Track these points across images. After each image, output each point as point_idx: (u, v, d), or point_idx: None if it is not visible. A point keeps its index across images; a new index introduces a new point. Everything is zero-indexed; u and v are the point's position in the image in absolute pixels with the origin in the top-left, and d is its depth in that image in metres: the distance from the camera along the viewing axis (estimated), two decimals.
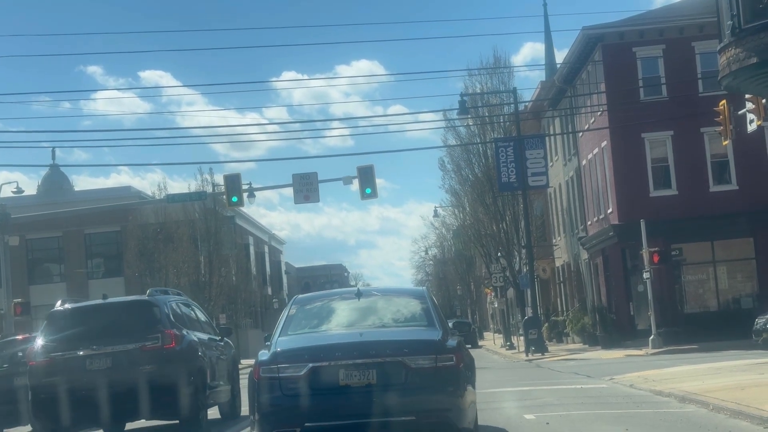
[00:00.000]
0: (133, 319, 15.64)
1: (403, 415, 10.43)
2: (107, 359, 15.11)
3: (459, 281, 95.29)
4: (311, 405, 10.50)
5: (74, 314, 15.98)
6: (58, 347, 15.34)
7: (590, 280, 48.37)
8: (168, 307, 16.02)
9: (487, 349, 57.67)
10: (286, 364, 10.62)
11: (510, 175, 44.39)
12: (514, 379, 26.24)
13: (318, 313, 12.07)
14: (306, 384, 10.51)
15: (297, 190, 38.74)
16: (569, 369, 29.13)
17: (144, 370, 14.96)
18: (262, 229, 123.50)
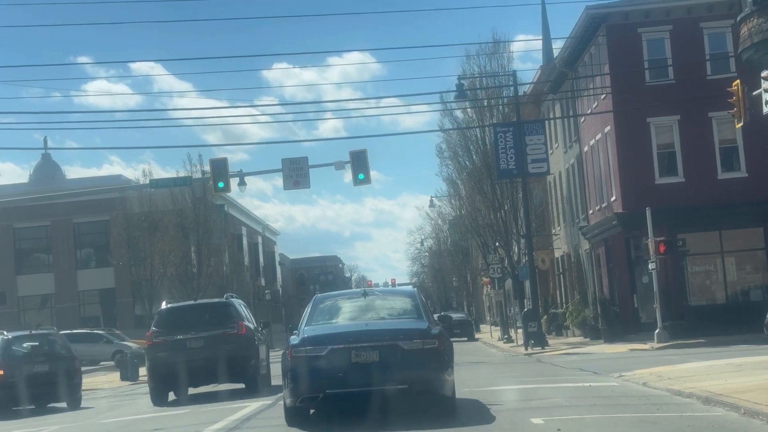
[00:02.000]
0: (216, 314, 23.25)
1: (398, 384, 14.03)
2: (200, 340, 22.37)
3: (455, 272, 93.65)
4: (330, 377, 13.94)
5: (174, 311, 23.54)
6: (165, 333, 22.69)
7: (592, 272, 46.69)
8: (238, 306, 23.65)
9: (485, 342, 56.00)
10: (311, 347, 14.15)
11: (509, 161, 42.65)
12: (515, 375, 24.57)
13: (333, 308, 15.73)
14: (326, 361, 13.96)
15: (287, 175, 36.97)
16: (572, 364, 27.45)
17: (225, 348, 22.23)
18: (255, 219, 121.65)
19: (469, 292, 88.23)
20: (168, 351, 22.59)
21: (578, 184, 48.58)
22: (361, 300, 15.99)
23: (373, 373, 13.98)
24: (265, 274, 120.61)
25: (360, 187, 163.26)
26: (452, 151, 50.99)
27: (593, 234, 44.36)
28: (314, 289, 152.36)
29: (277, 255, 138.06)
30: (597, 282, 45.62)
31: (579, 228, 47.15)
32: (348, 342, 14.23)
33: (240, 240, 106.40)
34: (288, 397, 14.47)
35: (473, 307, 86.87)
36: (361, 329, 14.66)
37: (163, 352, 22.64)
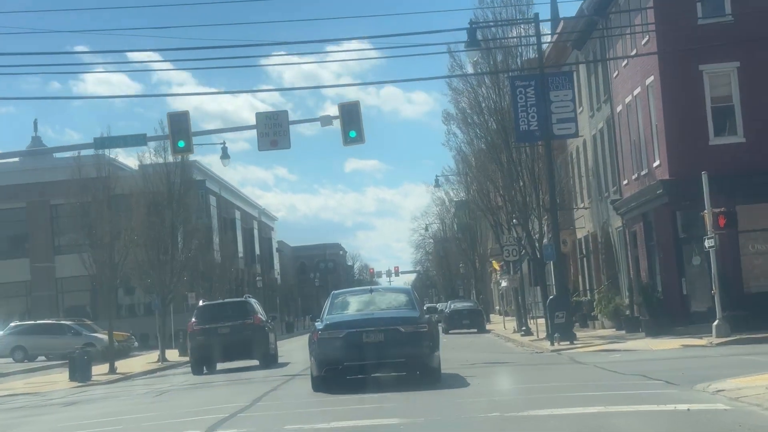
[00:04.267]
0: (237, 309, 32.50)
1: (398, 358, 18.96)
2: (228, 328, 31.07)
3: (462, 258, 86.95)
4: (347, 352, 18.83)
5: (208, 307, 33.16)
6: (202, 322, 31.64)
7: (625, 253, 39.95)
8: (253, 304, 33.49)
9: (498, 335, 49.32)
10: (333, 330, 19.13)
11: (530, 122, 35.93)
12: (554, 386, 17.91)
13: (347, 301, 21.00)
14: (344, 341, 18.89)
15: (262, 133, 30.32)
16: (625, 367, 20.77)
17: (244, 334, 30.97)
18: (250, 203, 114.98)
19: (477, 279, 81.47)
20: (204, 336, 31.19)
21: (608, 151, 41.83)
22: (368, 295, 21.22)
23: (379, 350, 18.63)
24: (261, 262, 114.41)
25: (361, 176, 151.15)
26: (462, 115, 44.10)
27: (628, 208, 37.62)
28: (314, 277, 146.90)
29: (274, 241, 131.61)
30: (633, 265, 38.89)
31: (611, 202, 40.37)
32: (360, 327, 18.92)
33: (233, 224, 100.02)
34: (315, 369, 19.16)
35: (482, 296, 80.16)
36: (370, 317, 19.41)
37: (201, 336, 31.29)
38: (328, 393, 18.47)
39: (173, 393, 23.93)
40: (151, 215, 47.62)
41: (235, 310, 32.43)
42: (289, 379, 24.42)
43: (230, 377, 27.80)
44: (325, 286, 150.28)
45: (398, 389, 17.87)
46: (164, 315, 47.72)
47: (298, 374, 25.46)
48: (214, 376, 29.14)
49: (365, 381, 19.46)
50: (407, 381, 19.05)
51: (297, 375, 25.51)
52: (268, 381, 24.37)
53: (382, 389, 18.31)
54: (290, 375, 26.14)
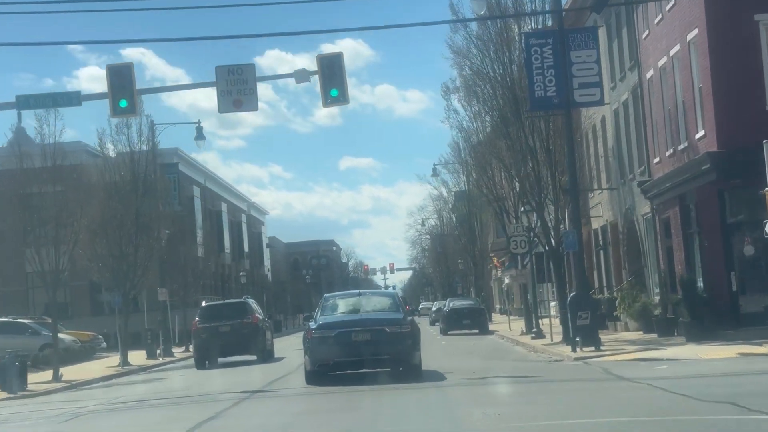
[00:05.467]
0: (237, 309, 35.09)
1: (384, 355, 20.77)
2: (228, 327, 33.61)
3: (461, 253, 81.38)
4: (338, 349, 20.62)
5: (211, 307, 36.26)
6: (205, 321, 34.15)
7: (655, 243, 34.40)
8: (252, 304, 36.65)
9: (503, 337, 43.73)
10: (325, 330, 20.94)
11: (547, 87, 30.43)
12: (621, 423, 12.24)
13: (338, 303, 22.98)
14: (335, 340, 20.65)
15: (223, 91, 24.73)
16: (690, 387, 15.30)
17: (243, 332, 33.53)
18: (239, 196, 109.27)
19: (478, 276, 75.88)
20: (207, 333, 33.54)
21: (634, 127, 36.27)
22: (357, 298, 23.44)
23: (366, 348, 20.74)
24: (250, 257, 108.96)
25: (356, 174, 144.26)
26: (465, 83, 38.36)
27: (660, 190, 32.08)
28: (306, 274, 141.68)
29: (265, 236, 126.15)
30: (664, 257, 33.35)
31: (638, 184, 34.79)
32: (349, 327, 21.08)
33: (219, 217, 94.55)
34: (308, 365, 21.24)
35: (483, 293, 74.59)
36: (358, 318, 21.62)
37: (204, 334, 33.56)
38: (319, 385, 20.46)
39: (93, 416, 18.38)
40: (113, 201, 42.05)
41: (235, 310, 35.16)
42: (285, 375, 25.94)
43: (234, 371, 30.43)
44: (318, 283, 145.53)
45: (382, 383, 19.99)
46: (126, 313, 42.09)
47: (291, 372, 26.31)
48: (217, 371, 31.55)
49: (352, 377, 21.06)
50: (390, 375, 21.00)
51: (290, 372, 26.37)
52: (267, 374, 26.64)
53: (367, 384, 19.99)
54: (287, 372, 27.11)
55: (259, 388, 21.12)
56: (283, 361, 32.34)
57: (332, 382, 20.52)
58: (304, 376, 21.29)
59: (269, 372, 27.31)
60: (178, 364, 40.33)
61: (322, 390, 19.53)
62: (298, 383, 21.56)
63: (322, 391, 19.37)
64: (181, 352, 49.20)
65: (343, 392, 18.83)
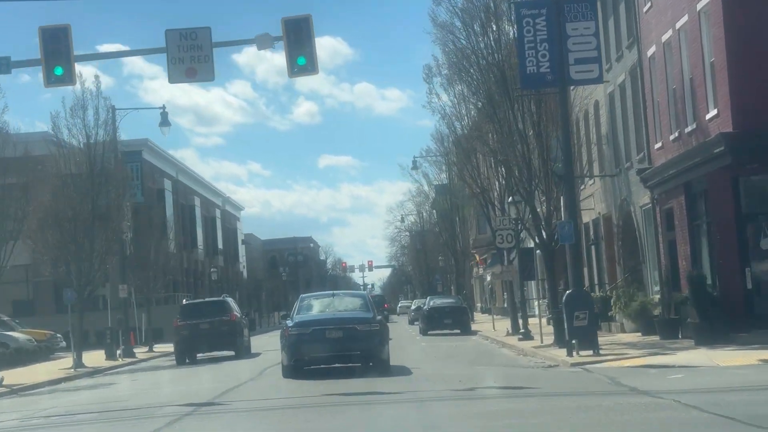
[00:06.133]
0: (216, 308, 36.43)
1: (354, 351, 22.30)
2: (208, 324, 34.88)
3: (441, 250, 78.42)
4: (313, 345, 22.16)
5: (191, 305, 37.64)
6: (185, 318, 35.42)
7: (655, 237, 31.48)
8: (230, 302, 38.28)
9: (487, 338, 40.75)
10: (301, 327, 22.60)
11: (540, 62, 27.47)
12: None
13: (313, 303, 24.63)
14: (310, 336, 22.25)
15: (174, 59, 21.68)
16: (720, 403, 12.55)
17: (222, 329, 34.94)
18: (213, 190, 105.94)
19: (459, 273, 72.90)
20: (187, 330, 35.18)
21: (632, 110, 33.34)
22: (330, 299, 25.13)
23: (339, 344, 22.21)
24: (224, 253, 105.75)
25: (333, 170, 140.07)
26: (449, 61, 35.20)
27: (663, 178, 29.15)
28: (283, 271, 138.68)
29: (240, 232, 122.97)
30: (666, 252, 30.44)
31: (637, 173, 31.87)
32: (324, 325, 22.62)
33: (192, 211, 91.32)
34: (285, 360, 22.66)
35: (465, 291, 71.64)
36: (332, 317, 23.16)
37: (185, 331, 35.23)
38: (296, 378, 21.80)
39: None
40: (68, 190, 38.80)
41: (214, 308, 36.42)
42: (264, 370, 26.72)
43: (216, 366, 31.67)
44: (295, 281, 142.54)
45: (353, 376, 21.17)
46: (81, 310, 38.82)
47: None
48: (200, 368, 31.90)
49: (325, 371, 22.61)
50: (360, 370, 22.14)
51: None
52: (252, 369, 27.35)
53: (339, 377, 21.33)
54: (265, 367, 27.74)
55: (208, 400, 18.01)
56: (257, 359, 33.55)
57: (293, 394, 18.86)
58: (281, 370, 22.91)
59: (233, 375, 25.71)
60: (141, 365, 37.24)
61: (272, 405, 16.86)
62: (253, 394, 19.31)
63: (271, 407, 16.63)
64: (144, 352, 46.05)
65: (300, 408, 15.91)
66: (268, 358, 31.76)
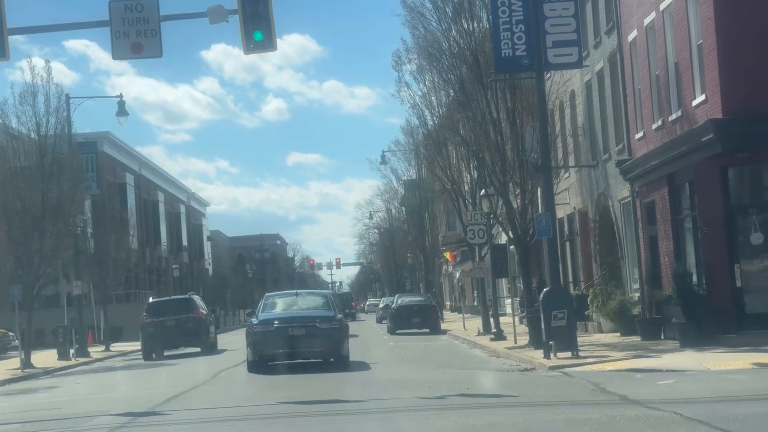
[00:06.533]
0: (183, 305, 37.06)
1: (316, 347, 23.56)
2: (174, 321, 35.44)
3: (410, 247, 76.71)
4: (276, 342, 23.37)
5: (157, 303, 38.54)
6: (152, 316, 35.84)
7: (635, 231, 29.88)
8: (197, 300, 38.84)
9: (457, 337, 39.06)
10: (265, 325, 23.71)
11: (515, 45, 25.68)
12: None
13: (277, 302, 25.83)
14: (274, 333, 23.47)
15: (118, 32, 19.76)
16: (730, 416, 10.90)
17: (188, 326, 35.52)
18: (178, 186, 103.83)
19: (428, 271, 71.24)
20: (154, 327, 35.56)
21: (611, 99, 31.75)
22: (294, 298, 26.41)
23: (301, 341, 23.35)
24: (189, 250, 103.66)
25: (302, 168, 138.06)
26: (418, 46, 33.39)
27: (644, 170, 27.56)
28: (250, 269, 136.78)
29: (206, 229, 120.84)
30: (647, 248, 28.85)
31: (616, 164, 30.27)
32: (287, 322, 23.67)
33: (155, 207, 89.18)
34: (250, 355, 23.70)
35: (434, 289, 69.98)
36: (295, 315, 24.25)
37: (151, 328, 35.59)
38: (260, 373, 22.55)
39: None
40: (17, 181, 36.74)
41: (181, 305, 37.01)
42: None
43: (184, 361, 32.22)
44: (263, 278, 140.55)
45: (315, 371, 22.18)
46: (30, 307, 36.75)
47: None
48: (169, 362, 32.08)
49: (289, 366, 23.06)
50: (322, 365, 23.26)
51: None
52: None
53: (302, 372, 22.15)
54: None
55: (151, 408, 16.10)
56: (220, 356, 33.48)
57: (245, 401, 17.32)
58: (247, 365, 23.92)
59: (188, 377, 24.63)
60: (94, 366, 35.26)
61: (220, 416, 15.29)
62: (203, 401, 17.52)
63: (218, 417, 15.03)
64: (101, 351, 44.04)
65: (249, 421, 14.13)
66: (231, 356, 31.86)
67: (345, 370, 22.27)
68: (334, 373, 21.70)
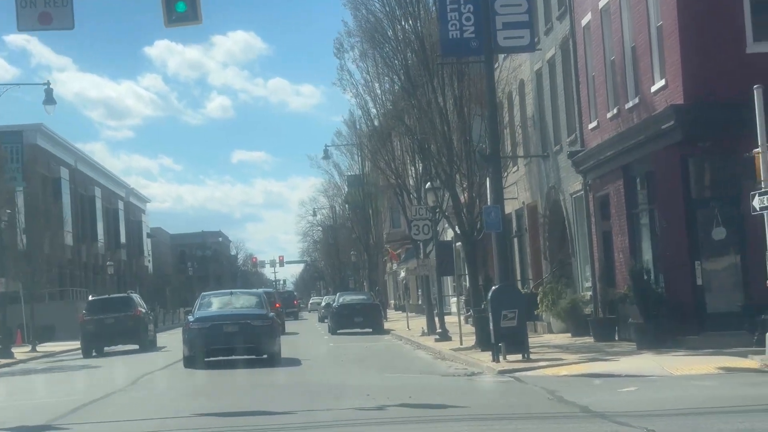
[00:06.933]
0: (122, 303, 37.44)
1: (249, 344, 24.50)
2: (113, 319, 35.64)
3: (354, 244, 74.91)
4: (211, 339, 24.42)
5: (97, 301, 38.70)
6: (91, 314, 36.32)
7: (587, 227, 28.41)
8: (135, 299, 39.02)
9: (400, 338, 37.38)
10: (201, 322, 24.67)
11: (464, 26, 24.06)
12: None
13: (213, 301, 26.81)
14: (209, 330, 24.47)
15: (25, 1, 17.71)
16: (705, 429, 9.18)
17: (126, 324, 35.63)
18: (116, 181, 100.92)
19: (372, 269, 69.52)
20: (93, 325, 35.87)
21: (563, 87, 30.24)
22: (229, 297, 27.44)
23: (235, 338, 24.24)
24: (127, 247, 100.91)
25: (247, 165, 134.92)
26: (360, 28, 31.52)
27: (598, 161, 26.06)
28: (190, 266, 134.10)
29: (146, 226, 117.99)
30: (600, 243, 27.36)
31: (569, 155, 28.76)
32: (222, 320, 24.62)
33: (91, 202, 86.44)
34: (186, 351, 24.59)
35: (378, 287, 68.28)
36: (229, 313, 25.29)
37: (90, 325, 35.91)
38: (196, 368, 23.55)
39: None
40: None
41: (120, 303, 37.52)
42: None
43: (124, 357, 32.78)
44: (205, 276, 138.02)
45: (248, 367, 23.30)
46: None
47: None
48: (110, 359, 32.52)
49: (223, 362, 24.63)
50: (255, 361, 24.44)
51: None
52: None
53: (235, 368, 23.34)
54: None
55: (47, 421, 14.07)
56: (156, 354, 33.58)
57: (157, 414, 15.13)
58: (183, 360, 24.78)
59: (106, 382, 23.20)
60: (15, 368, 32.96)
61: None
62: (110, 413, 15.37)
63: None
64: (26, 352, 41.67)
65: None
66: (168, 353, 32.18)
67: (277, 366, 23.42)
68: (266, 376, 21.18)
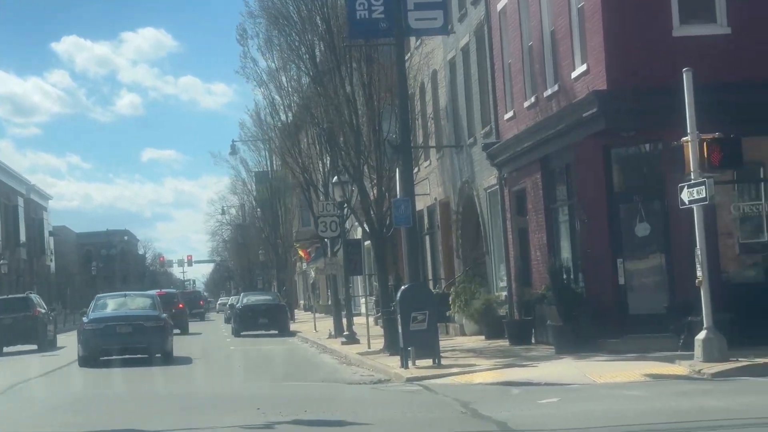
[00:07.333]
0: (21, 304, 37.48)
1: (142, 344, 25.36)
2: (11, 319, 35.72)
3: (263, 243, 72.74)
4: (105, 339, 25.23)
5: None
6: None
7: (501, 223, 26.92)
8: (34, 299, 39.32)
9: (306, 340, 35.53)
10: (95, 323, 25.50)
11: (373, 6, 22.33)
12: None
13: (108, 302, 27.64)
14: (103, 331, 25.25)
15: None
16: None
17: (25, 324, 35.69)
18: (15, 177, 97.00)
19: (281, 268, 67.46)
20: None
21: (477, 76, 28.69)
22: (123, 299, 28.44)
23: (128, 338, 25.20)
24: (28, 246, 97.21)
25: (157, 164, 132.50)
26: (266, 12, 29.56)
27: (514, 153, 24.55)
28: (95, 266, 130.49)
29: (48, 223, 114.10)
30: (515, 241, 25.87)
31: (483, 148, 27.22)
32: (115, 321, 25.55)
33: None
34: (81, 351, 25.28)
35: (286, 287, 66.26)
36: (122, 314, 26.31)
37: None
38: (91, 367, 24.03)
39: None
40: None
41: (18, 304, 37.77)
42: None
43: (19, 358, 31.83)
44: (111, 275, 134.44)
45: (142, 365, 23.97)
46: None
47: None
48: None
49: (119, 361, 24.82)
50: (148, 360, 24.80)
51: None
52: None
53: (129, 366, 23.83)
54: None
55: None
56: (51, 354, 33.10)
57: None
58: (78, 360, 25.42)
59: None
60: None
61: None
62: None
63: None
64: None
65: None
66: (65, 353, 32.02)
67: (169, 367, 23.81)
68: (150, 384, 20.36)
